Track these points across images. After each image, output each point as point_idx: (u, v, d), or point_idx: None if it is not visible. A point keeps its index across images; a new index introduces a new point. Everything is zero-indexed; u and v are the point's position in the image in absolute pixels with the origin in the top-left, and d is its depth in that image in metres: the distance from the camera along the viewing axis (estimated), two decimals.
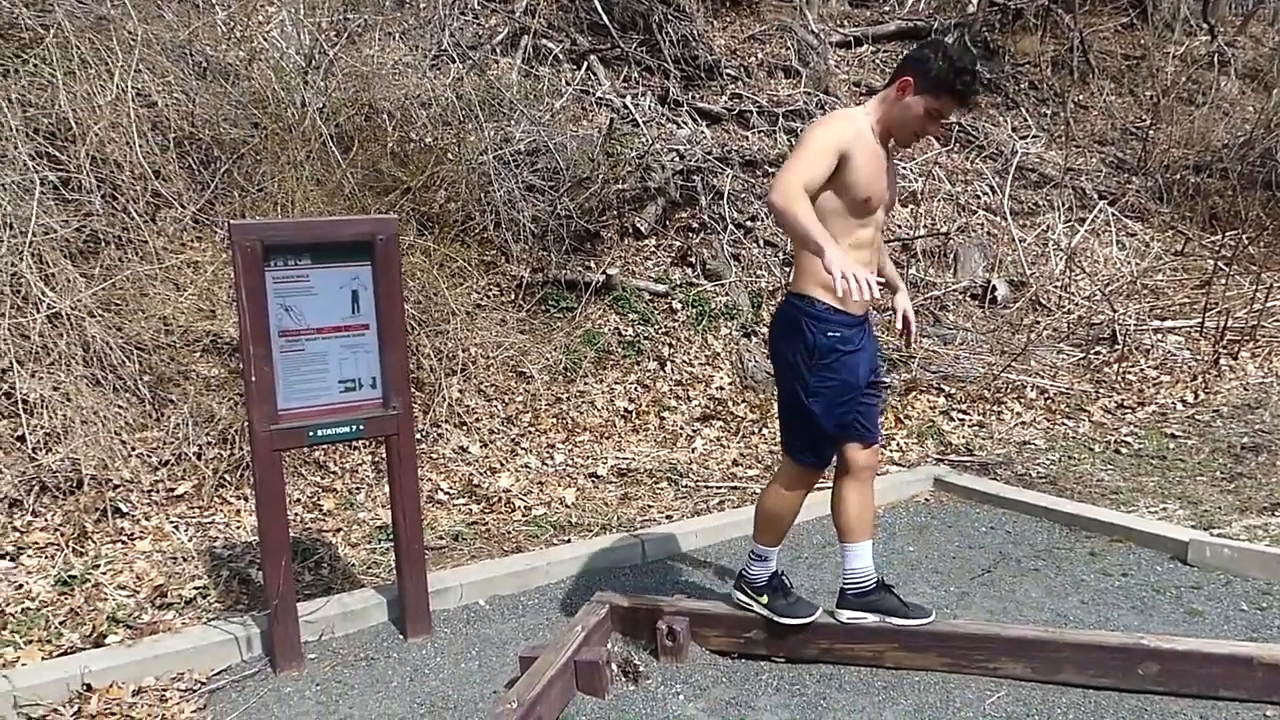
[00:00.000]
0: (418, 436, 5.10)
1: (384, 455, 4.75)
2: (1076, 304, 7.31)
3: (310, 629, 3.40)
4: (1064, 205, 8.33)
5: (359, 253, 3.26)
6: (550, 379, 5.80)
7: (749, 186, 7.58)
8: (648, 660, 3.15)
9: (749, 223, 7.40)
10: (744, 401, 5.92)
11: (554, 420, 5.50)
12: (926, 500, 4.75)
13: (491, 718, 2.58)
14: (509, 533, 4.35)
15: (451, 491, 4.68)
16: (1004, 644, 3.01)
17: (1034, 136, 9.30)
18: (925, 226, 7.63)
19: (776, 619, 3.11)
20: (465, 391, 5.43)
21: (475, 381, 5.56)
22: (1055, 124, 9.55)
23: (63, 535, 3.92)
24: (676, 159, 7.44)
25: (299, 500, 4.45)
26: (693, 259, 6.99)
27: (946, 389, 6.10)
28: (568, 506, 4.62)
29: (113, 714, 2.99)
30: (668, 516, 4.54)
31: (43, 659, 3.23)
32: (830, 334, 2.84)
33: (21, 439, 4.17)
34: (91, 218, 4.85)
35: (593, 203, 6.72)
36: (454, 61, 7.19)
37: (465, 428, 5.22)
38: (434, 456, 4.96)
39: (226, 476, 4.44)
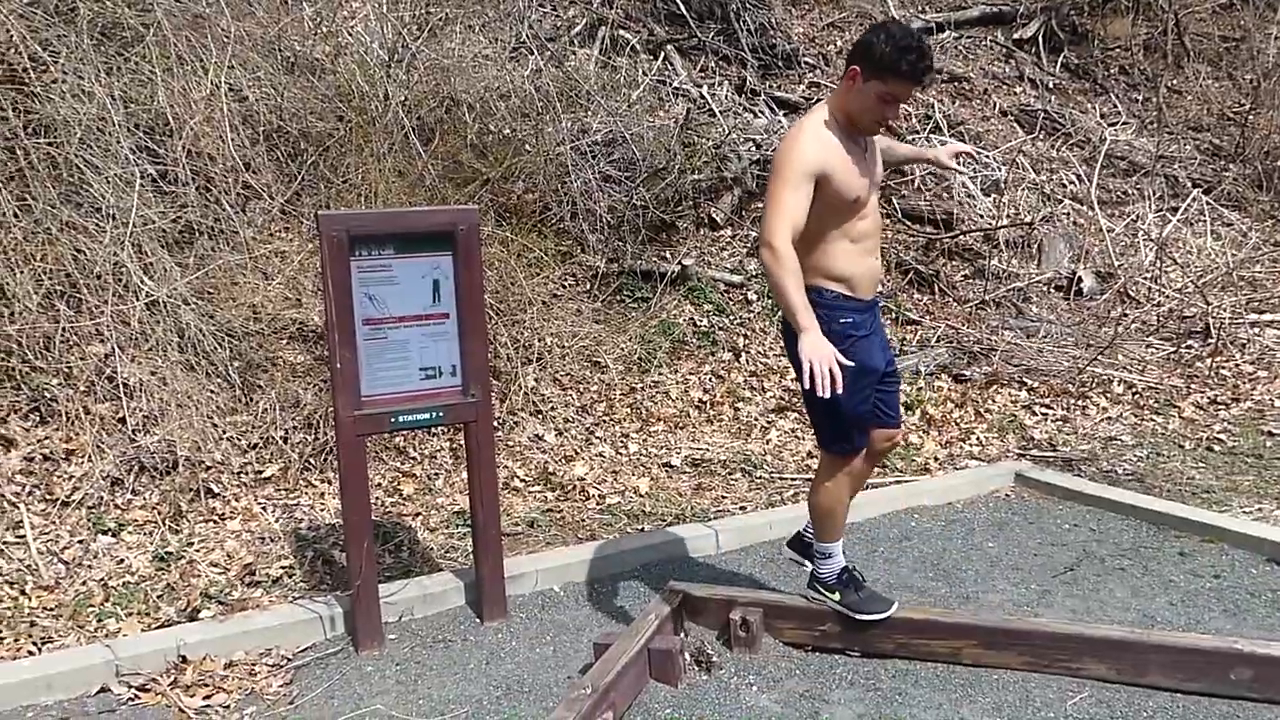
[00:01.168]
0: (495, 424, 5.19)
1: (462, 442, 4.86)
2: (1167, 296, 7.07)
3: (390, 610, 3.49)
4: (1155, 194, 8.05)
5: (441, 243, 3.32)
6: (625, 369, 5.83)
7: None
8: (721, 650, 3.16)
9: None
10: None
11: (628, 410, 5.53)
12: (1007, 496, 4.65)
13: (565, 702, 2.62)
14: (583, 520, 4.40)
15: (527, 479, 4.75)
16: (1087, 644, 2.94)
17: (1124, 123, 9.00)
18: (1009, 216, 7.45)
19: (852, 614, 3.10)
20: (541, 380, 5.49)
21: (551, 371, 5.61)
22: (1147, 110, 9.23)
23: (160, 513, 4.09)
24: (753, 148, 7.39)
25: (379, 485, 4.56)
26: None
27: (1029, 382, 5.96)
28: (641, 495, 4.65)
29: (206, 685, 3.11)
30: (741, 507, 4.54)
31: (142, 631, 3.39)
32: (842, 320, 2.87)
33: (123, 421, 4.36)
34: (186, 209, 5.02)
35: (669, 193, 6.71)
36: (533, 53, 7.26)
37: (541, 416, 5.29)
38: (510, 444, 5.03)
39: (311, 460, 4.57)
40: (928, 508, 4.47)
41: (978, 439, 5.30)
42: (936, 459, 5.07)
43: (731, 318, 6.41)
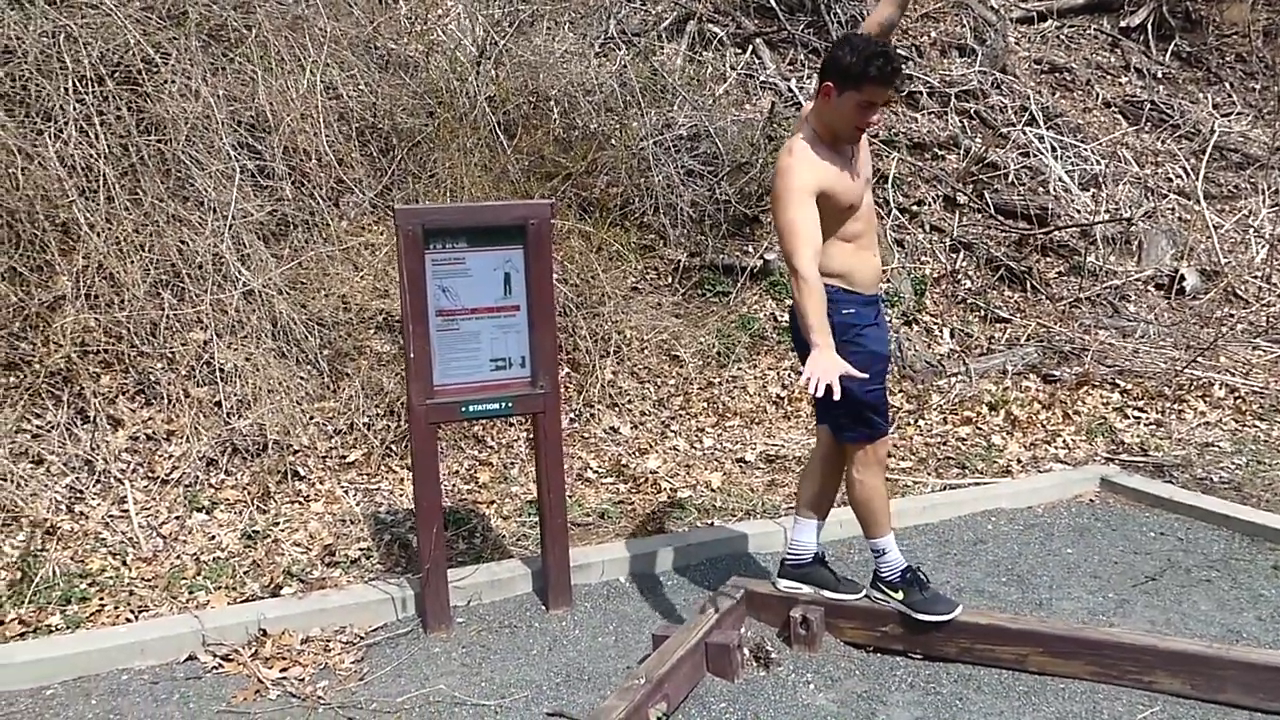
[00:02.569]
0: (571, 416, 5.27)
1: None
2: (1279, 296, 6.72)
3: (459, 594, 3.59)
4: (1270, 188, 7.64)
5: (513, 236, 3.39)
6: (703, 363, 5.85)
7: (916, 170, 7.35)
8: (780, 647, 3.16)
9: (915, 207, 7.19)
10: (901, 391, 5.78)
11: (705, 404, 5.54)
12: (1091, 501, 4.51)
13: (619, 691, 2.66)
14: (654, 513, 4.43)
15: (600, 470, 4.81)
16: (1161, 656, 2.84)
17: (1239, 114, 8.57)
18: (1108, 211, 7.18)
19: (914, 615, 3.07)
20: (619, 373, 5.55)
21: (629, 364, 5.67)
22: (1264, 100, 8.76)
23: (249, 493, 4.29)
24: None
25: (457, 472, 4.68)
26: None
27: (1122, 384, 5.75)
28: (713, 490, 4.66)
29: (283, 658, 3.26)
30: None
31: (228, 604, 3.57)
32: (845, 311, 2.93)
33: (219, 404, 4.58)
34: (282, 203, 5.24)
35: (752, 187, 6.69)
36: (620, 48, 7.32)
37: (617, 409, 5.34)
38: (585, 436, 5.10)
39: (393, 446, 4.72)
40: (1006, 511, 4.37)
41: (1064, 442, 5.14)
42: (1019, 461, 4.94)
43: None
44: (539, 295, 3.42)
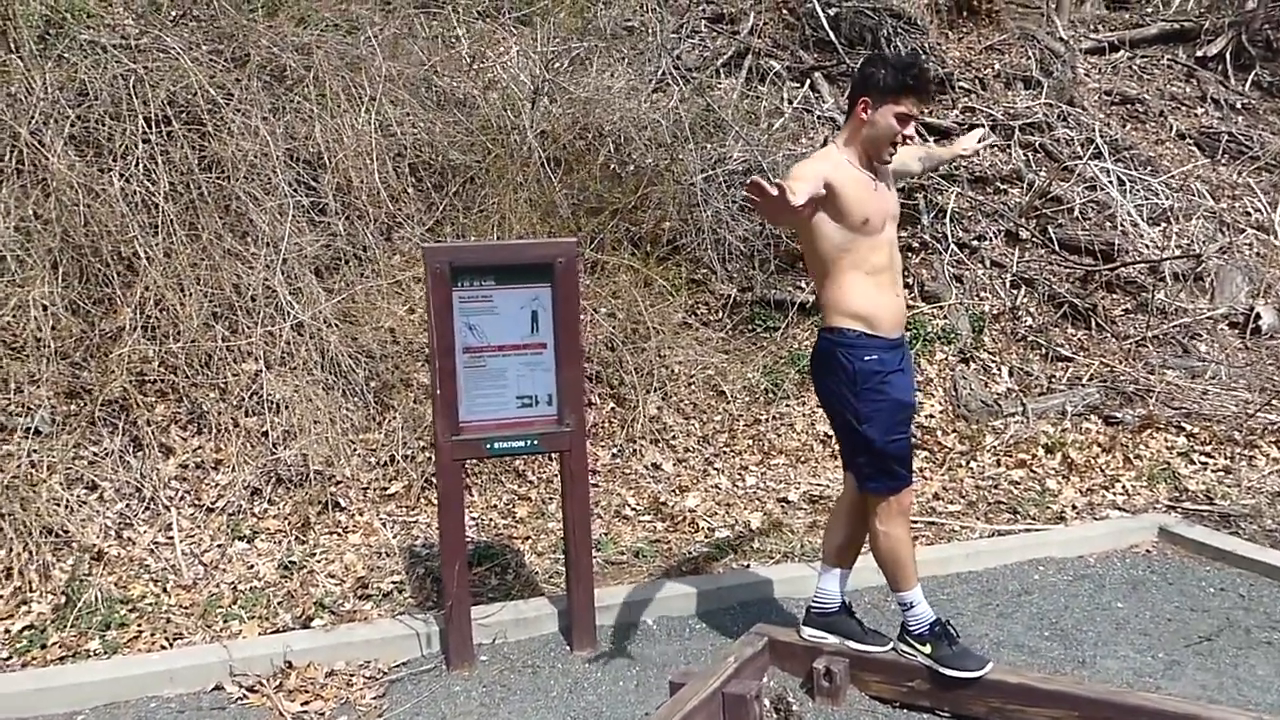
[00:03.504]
0: (614, 451, 5.25)
1: None
2: None
3: (485, 632, 3.58)
4: None
5: (540, 274, 3.40)
6: (750, 399, 5.78)
7: (977, 204, 7.20)
8: (803, 699, 3.06)
9: (975, 242, 7.03)
10: (954, 431, 5.62)
11: (750, 441, 5.47)
12: (1148, 552, 4.30)
13: None
14: (689, 553, 4.37)
15: (638, 508, 4.77)
16: None
17: None
18: (1178, 247, 6.92)
19: (941, 670, 2.95)
20: (663, 409, 5.51)
21: (674, 400, 5.63)
22: None
23: (290, 523, 4.36)
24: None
25: (495, 507, 4.69)
26: (910, 280, 6.73)
27: (1189, 427, 5.49)
28: (752, 531, 4.58)
29: (306, 691, 3.29)
30: None
31: (259, 634, 3.61)
32: (867, 358, 2.91)
33: (265, 434, 4.67)
34: (335, 237, 5.36)
35: None
36: (677, 84, 7.34)
37: (660, 445, 5.30)
38: (626, 472, 5.07)
39: (432, 479, 4.74)
40: (1055, 560, 4.19)
41: (1123, 488, 4.93)
42: (1074, 507, 4.75)
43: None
44: (566, 333, 3.42)
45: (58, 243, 4.65)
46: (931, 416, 5.75)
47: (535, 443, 3.44)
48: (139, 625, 3.68)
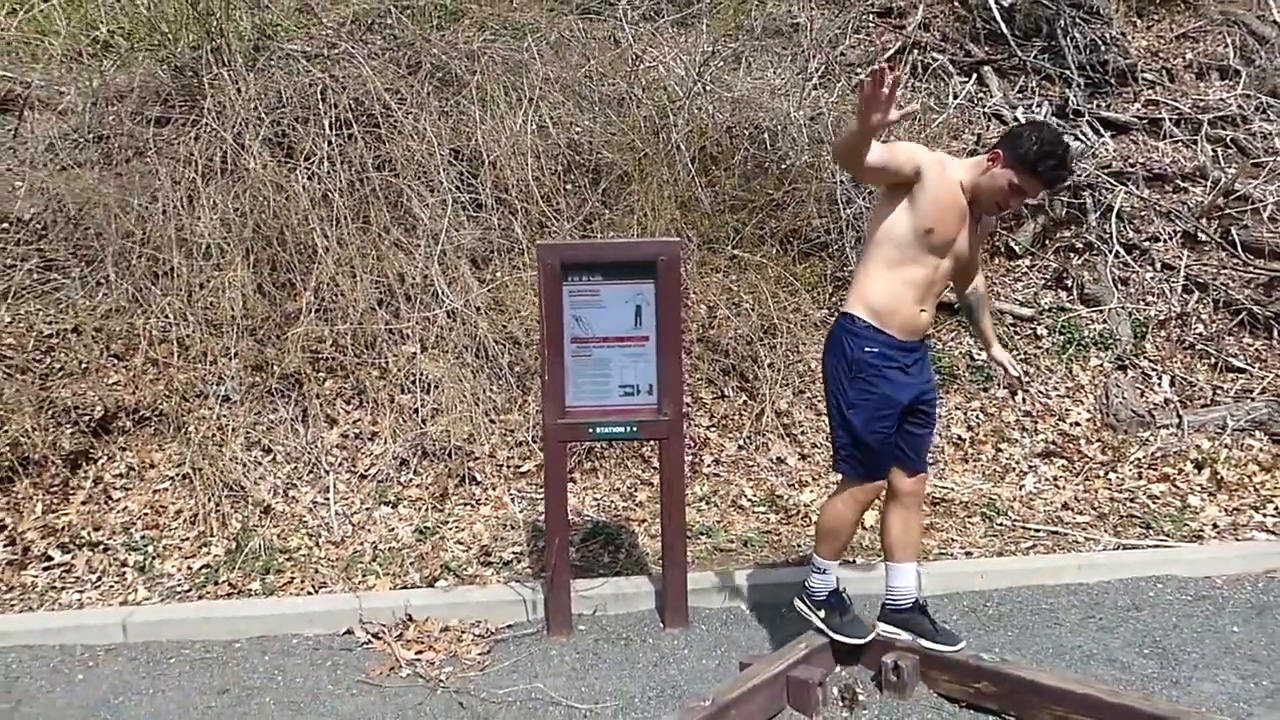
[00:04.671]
0: (740, 443, 5.40)
1: (701, 456, 5.14)
2: None
3: (586, 604, 3.84)
4: None
5: (644, 271, 3.61)
6: None
7: (1152, 203, 6.81)
8: (871, 691, 3.14)
9: (1146, 244, 6.67)
10: (1099, 440, 5.40)
11: None
12: None
13: (682, 710, 2.79)
14: (798, 545, 4.47)
15: (754, 498, 4.90)
16: None
17: None
18: None
19: (831, 635, 3.23)
20: (795, 404, 5.60)
21: (808, 395, 5.71)
22: None
23: (430, 493, 4.79)
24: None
25: (618, 489, 4.95)
26: (1070, 282, 6.48)
27: None
28: (864, 529, 4.61)
29: (421, 642, 3.66)
30: (967, 553, 4.36)
31: (390, 589, 4.03)
32: (867, 349, 3.02)
33: (416, 411, 5.14)
34: (490, 231, 5.78)
35: None
36: (838, 80, 7.35)
37: (787, 439, 5.40)
38: (749, 464, 5.21)
39: None
40: (1177, 579, 4.01)
41: (1277, 508, 4.61)
42: (1215, 526, 4.50)
43: (1015, 352, 6.07)
44: (667, 327, 3.62)
45: (250, 233, 5.29)
46: (1077, 424, 5.55)
47: (635, 429, 3.66)
48: (292, 572, 4.19)
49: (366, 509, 4.67)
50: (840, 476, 3.24)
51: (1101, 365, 5.95)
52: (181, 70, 5.80)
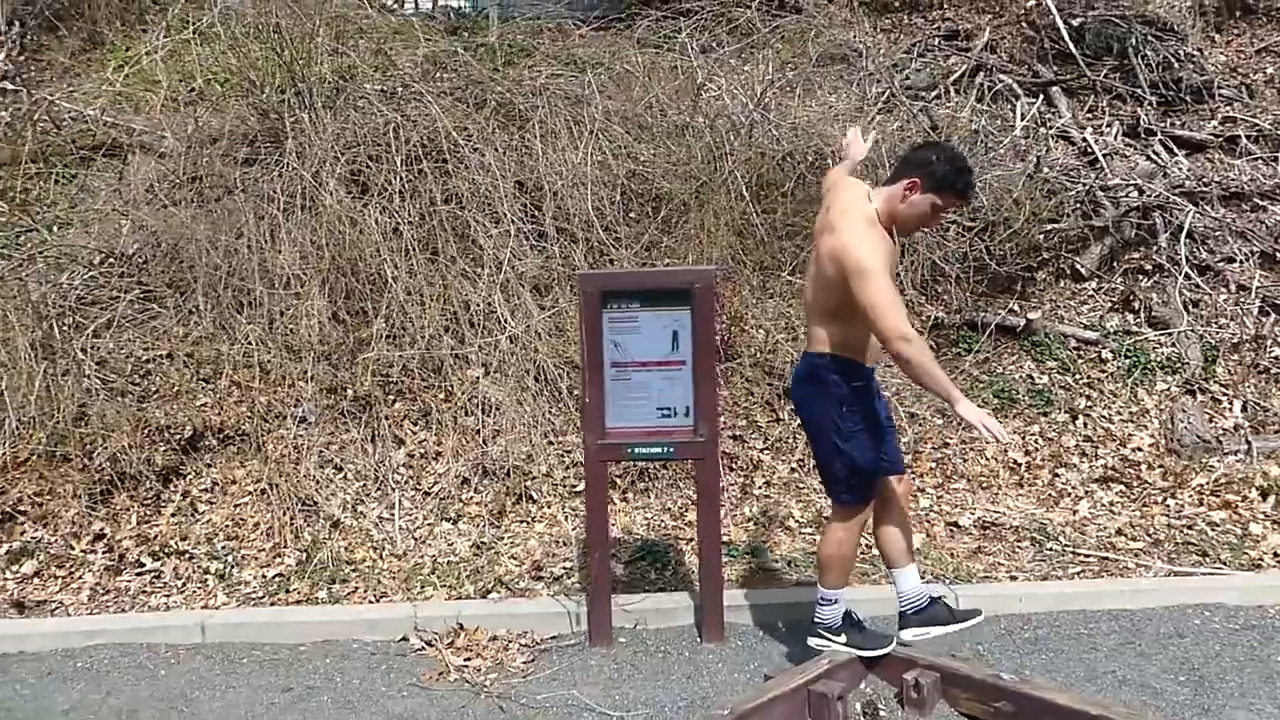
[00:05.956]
0: (792, 466, 5.48)
1: (750, 478, 5.25)
2: None
3: (628, 618, 3.99)
4: None
5: (681, 298, 3.77)
6: (944, 421, 5.77)
7: (1226, 223, 6.66)
8: (893, 707, 3.21)
9: (1220, 265, 6.53)
10: (1161, 466, 5.31)
11: (933, 464, 5.49)
12: None
13: (703, 718, 2.92)
14: None
15: (802, 520, 4.98)
16: None
17: None
18: None
19: (858, 653, 3.35)
20: None
21: None
22: None
23: (488, 510, 5.01)
24: (1135, 194, 6.82)
25: (668, 509, 5.10)
26: (1137, 305, 6.38)
27: None
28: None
29: (470, 650, 3.86)
30: (1011, 577, 4.37)
31: (445, 599, 4.25)
32: (854, 383, 3.23)
33: (478, 432, 5.38)
34: (551, 259, 6.01)
35: (1024, 243, 6.49)
36: (904, 104, 7.40)
37: None
38: (800, 486, 5.29)
39: (617, 480, 5.24)
40: (1226, 607, 3.94)
41: None
42: (1277, 554, 4.40)
43: (1078, 376, 6.02)
44: (703, 352, 3.77)
45: (326, 265, 5.63)
46: (1139, 450, 5.47)
47: (671, 450, 3.82)
48: (356, 582, 4.45)
49: (428, 524, 4.92)
50: (833, 509, 3.43)
51: (1168, 389, 5.85)
52: (267, 114, 6.23)
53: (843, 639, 3.36)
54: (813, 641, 3.42)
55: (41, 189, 6.38)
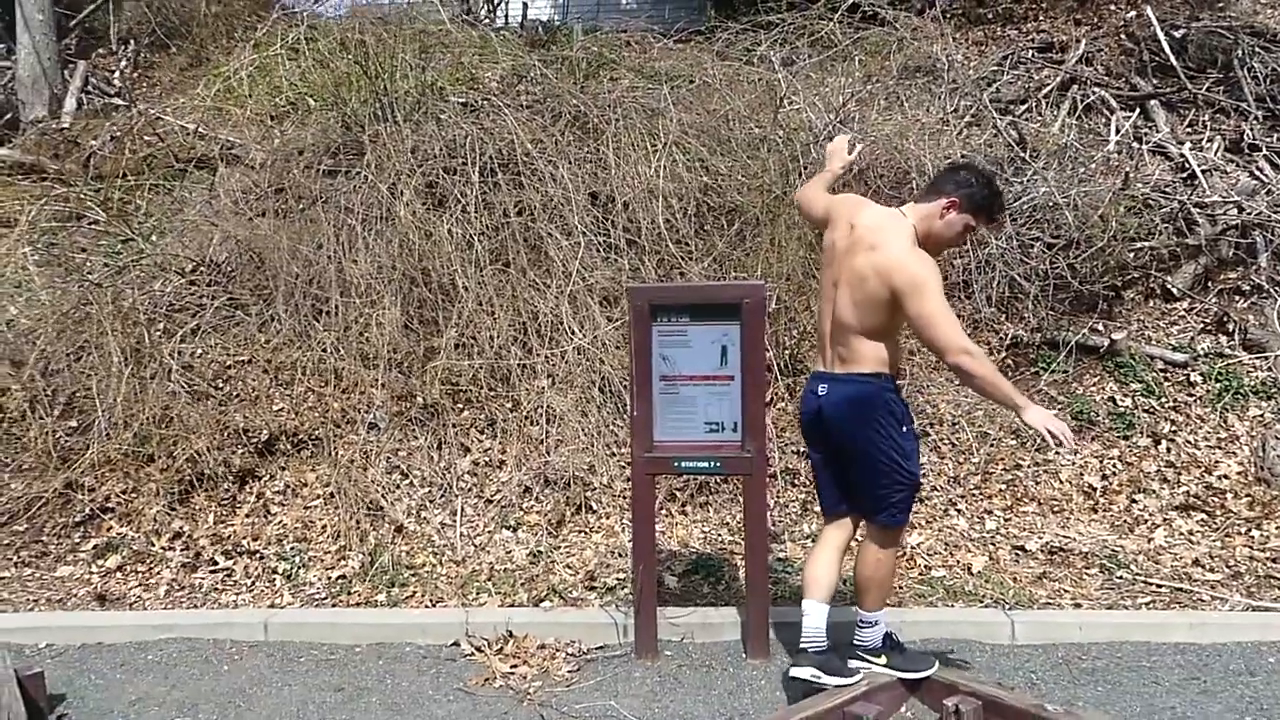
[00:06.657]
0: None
1: (812, 496, 5.18)
2: None
3: (675, 631, 3.99)
4: None
5: (730, 313, 3.76)
6: (1018, 443, 5.61)
7: None
8: None
9: None
10: (1248, 495, 5.04)
11: (1003, 486, 5.33)
12: None
13: None
14: (898, 587, 4.44)
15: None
16: None
17: None
18: None
19: (901, 675, 3.32)
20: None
21: (935, 438, 5.63)
22: None
23: (548, 519, 5.07)
24: (1234, 211, 6.51)
25: (726, 524, 5.07)
26: (1231, 326, 6.08)
27: None
28: (971, 574, 4.53)
29: (518, 657, 3.91)
30: (1076, 604, 4.20)
31: (498, 606, 4.32)
32: (903, 398, 3.32)
33: (541, 442, 5.45)
34: (620, 272, 6.06)
35: (1111, 260, 6.26)
36: (995, 117, 7.22)
37: None
38: None
39: (676, 492, 5.24)
40: None
41: None
42: None
43: (1163, 400, 5.76)
44: (751, 367, 3.75)
45: (400, 275, 5.80)
46: (1225, 477, 5.21)
47: (718, 464, 3.80)
48: (415, 587, 4.56)
49: (489, 531, 5.00)
50: (871, 530, 3.41)
51: (1261, 415, 5.55)
52: (350, 127, 6.45)
53: (883, 660, 3.34)
54: (853, 664, 3.37)
55: (140, 200, 6.74)
